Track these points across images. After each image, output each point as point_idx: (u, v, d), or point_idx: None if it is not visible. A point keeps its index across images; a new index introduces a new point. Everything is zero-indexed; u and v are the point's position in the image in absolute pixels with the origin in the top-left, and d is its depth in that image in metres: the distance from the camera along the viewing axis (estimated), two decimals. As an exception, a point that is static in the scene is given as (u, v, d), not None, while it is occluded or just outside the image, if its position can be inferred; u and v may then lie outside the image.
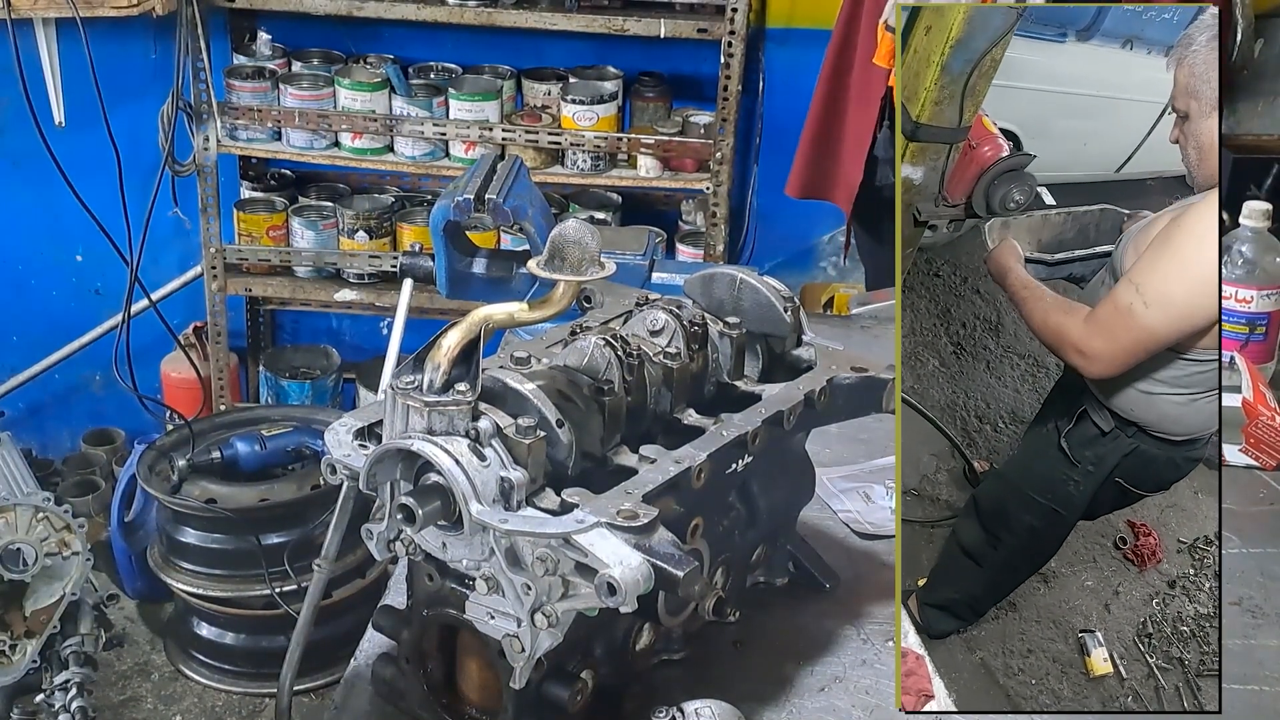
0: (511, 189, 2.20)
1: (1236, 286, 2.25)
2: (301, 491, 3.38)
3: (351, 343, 4.51)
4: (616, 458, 1.43)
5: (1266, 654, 1.69)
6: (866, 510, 1.98)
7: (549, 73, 4.03)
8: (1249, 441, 2.10)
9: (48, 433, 4.48)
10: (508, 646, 1.34)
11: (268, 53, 4.05)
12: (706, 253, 3.96)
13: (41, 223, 4.21)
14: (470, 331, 1.35)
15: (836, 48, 3.02)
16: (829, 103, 3.07)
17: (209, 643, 3.58)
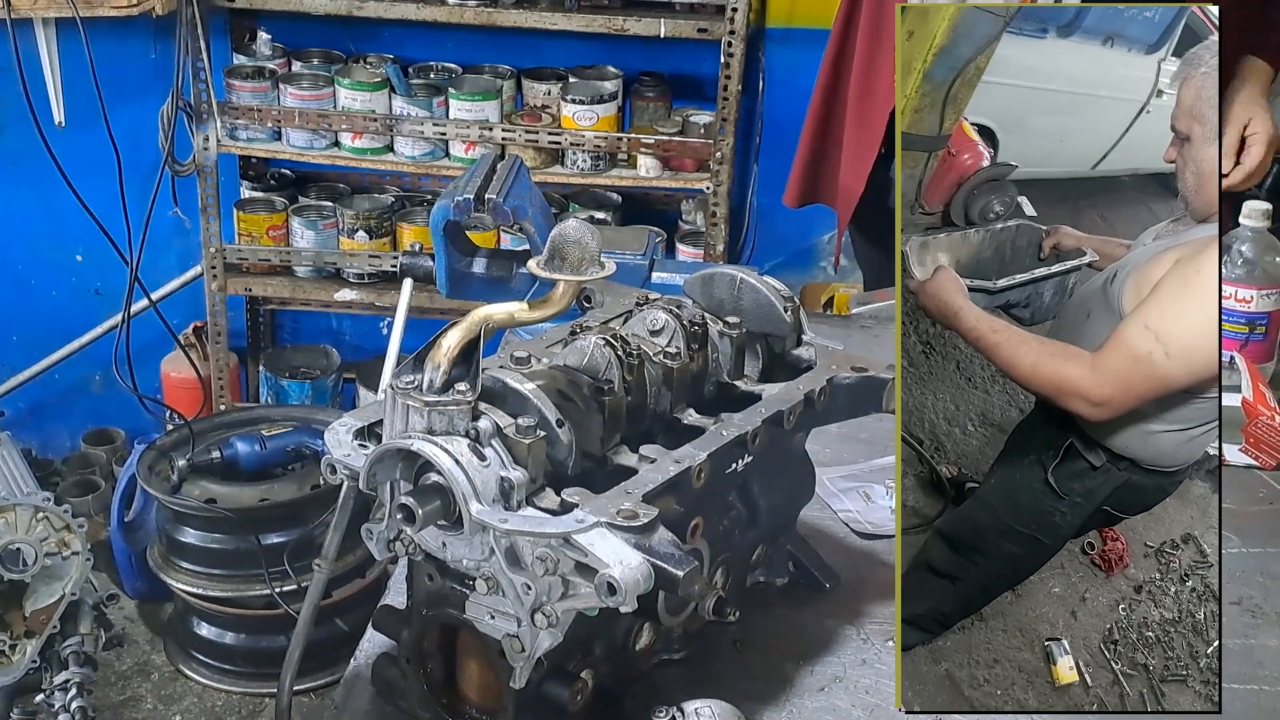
0: (511, 189, 2.20)
1: (1236, 286, 2.25)
2: (301, 491, 3.38)
3: (351, 342, 4.51)
4: (616, 457, 1.43)
5: (1266, 654, 1.69)
6: (866, 510, 1.98)
7: (549, 72, 4.03)
8: (1248, 441, 2.10)
9: (47, 432, 4.48)
10: (508, 646, 1.34)
11: (268, 52, 4.05)
12: (706, 252, 3.96)
13: (41, 223, 4.21)
14: (470, 331, 1.35)
15: (832, 56, 2.99)
16: (825, 111, 3.05)
17: (209, 643, 3.58)
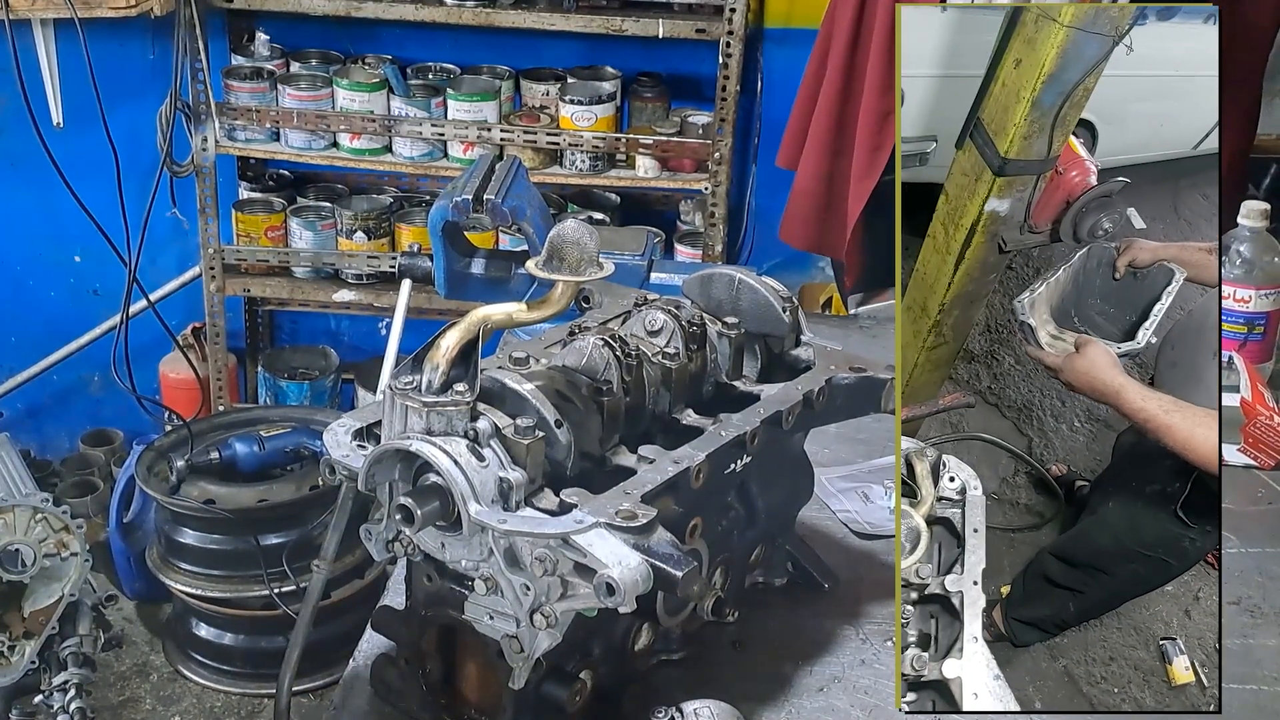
0: (510, 189, 2.20)
1: (1235, 286, 2.25)
2: (300, 492, 3.38)
3: (350, 343, 4.50)
4: (615, 458, 1.43)
5: (1265, 653, 1.69)
6: (865, 510, 1.98)
7: (547, 73, 4.03)
8: (1247, 441, 2.09)
9: (46, 433, 4.48)
10: (506, 647, 1.34)
11: (266, 53, 4.05)
12: (705, 253, 3.96)
13: (40, 223, 4.21)
14: (469, 332, 1.35)
15: (839, 88, 2.95)
16: (830, 157, 3.01)
17: (208, 643, 3.57)
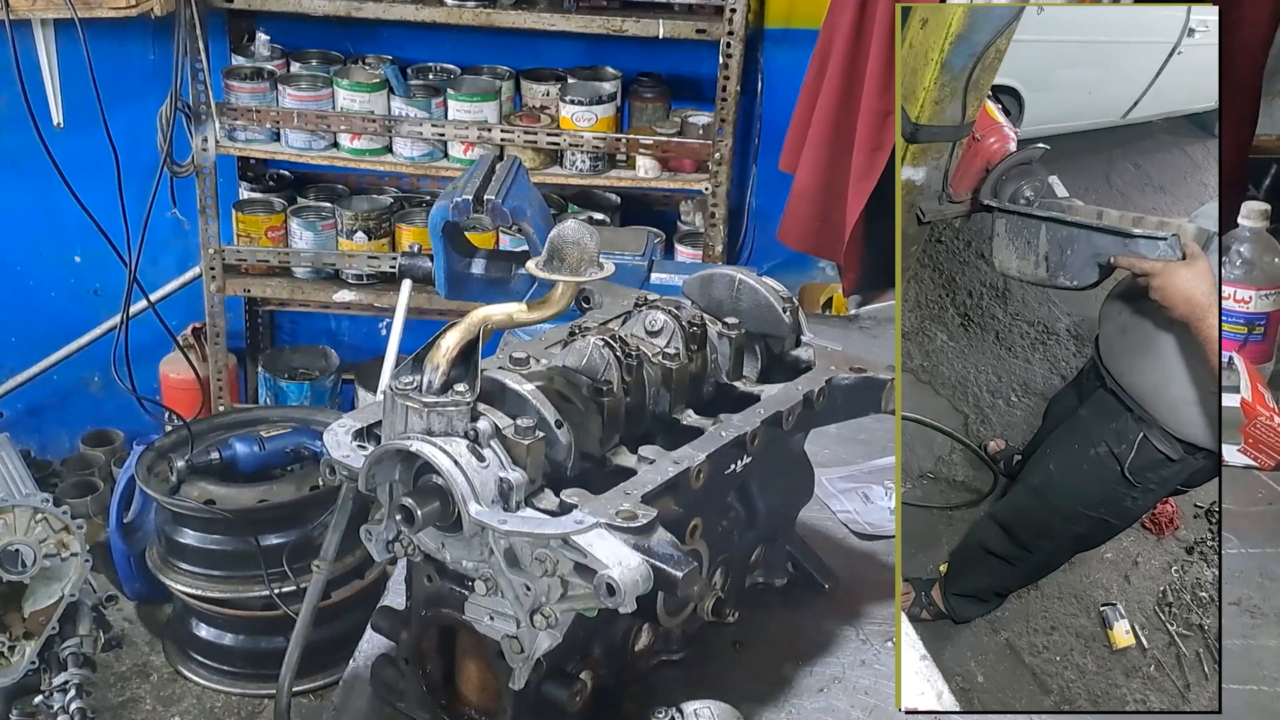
0: (510, 190, 2.20)
1: (1235, 286, 2.25)
2: (300, 492, 3.38)
3: (350, 343, 4.50)
4: (615, 458, 1.43)
5: (1265, 653, 1.69)
6: (865, 510, 1.98)
7: (547, 73, 4.03)
8: (1247, 442, 2.09)
9: (46, 434, 4.48)
10: (507, 647, 1.34)
11: (266, 53, 4.05)
12: (705, 253, 3.96)
13: (40, 224, 4.21)
14: (469, 332, 1.35)
15: (838, 91, 2.94)
16: (830, 159, 2.98)
17: (208, 644, 3.58)
